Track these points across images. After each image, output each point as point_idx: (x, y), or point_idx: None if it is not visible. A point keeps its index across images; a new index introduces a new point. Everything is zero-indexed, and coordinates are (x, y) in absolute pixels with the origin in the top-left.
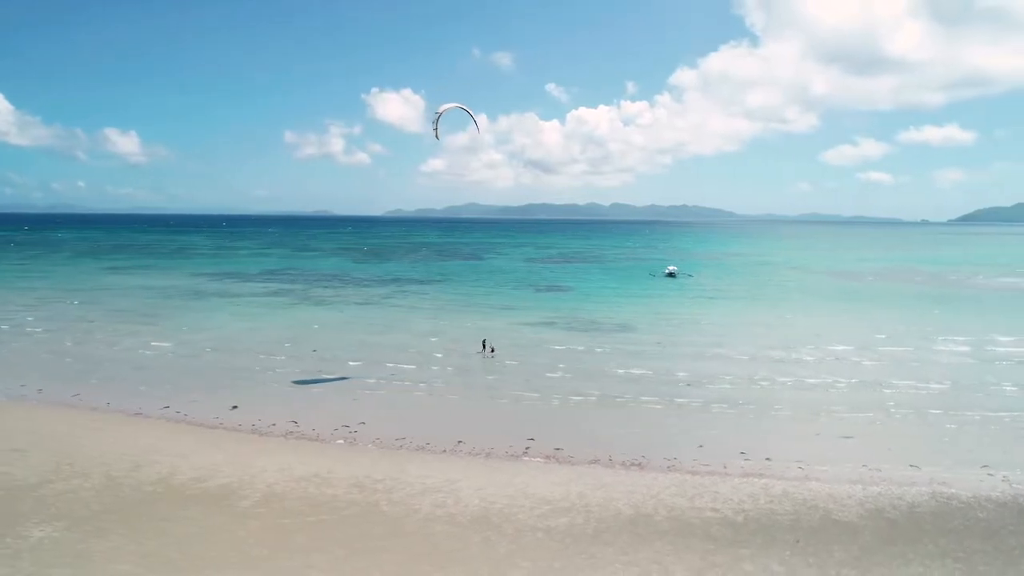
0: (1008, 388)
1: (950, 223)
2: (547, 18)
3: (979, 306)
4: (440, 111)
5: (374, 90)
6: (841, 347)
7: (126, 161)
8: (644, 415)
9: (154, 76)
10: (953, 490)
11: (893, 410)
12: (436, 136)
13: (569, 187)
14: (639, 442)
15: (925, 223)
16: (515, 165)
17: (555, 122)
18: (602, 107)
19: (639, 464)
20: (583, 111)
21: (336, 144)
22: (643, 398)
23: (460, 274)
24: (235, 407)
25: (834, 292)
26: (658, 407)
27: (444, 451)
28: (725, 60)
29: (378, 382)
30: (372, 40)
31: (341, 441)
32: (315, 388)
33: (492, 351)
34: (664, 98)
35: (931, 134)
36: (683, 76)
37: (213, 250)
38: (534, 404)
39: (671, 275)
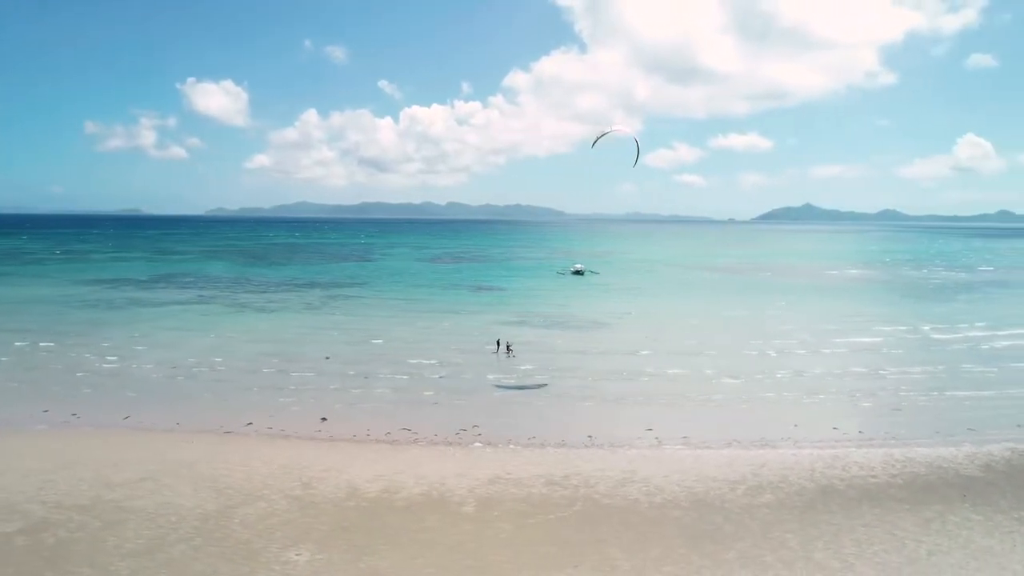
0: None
1: (752, 221)
2: (381, 14)
3: (853, 295)
4: (605, 133)
5: (191, 80)
6: (809, 336)
7: None
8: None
9: None
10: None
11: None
12: (592, 145)
13: (404, 186)
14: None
15: (732, 221)
16: (348, 163)
17: (389, 119)
18: (436, 106)
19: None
20: (417, 109)
21: (147, 137)
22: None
23: (372, 277)
24: (324, 419)
25: (730, 285)
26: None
27: (584, 447)
28: (556, 64)
29: (437, 384)
30: (189, 26)
31: (478, 444)
32: (384, 394)
33: (509, 349)
34: (498, 99)
35: (736, 141)
36: (516, 79)
37: (61, 256)
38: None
39: (578, 273)
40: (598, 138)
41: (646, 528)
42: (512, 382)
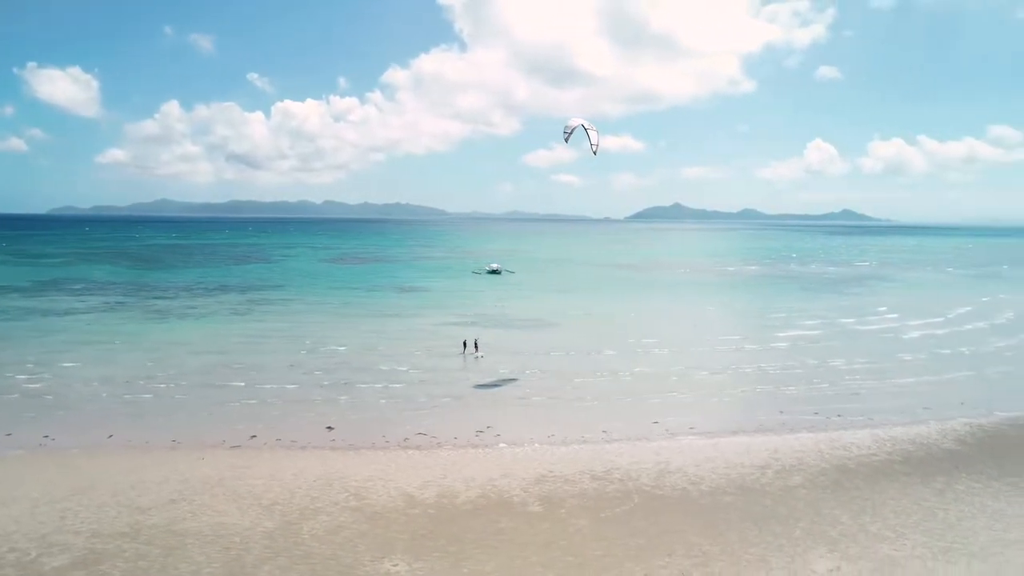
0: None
1: (626, 220)
2: (250, 2)
3: (768, 290)
4: (570, 128)
5: (31, 65)
6: (737, 333)
7: None
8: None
9: None
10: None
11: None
12: (567, 140)
13: (278, 184)
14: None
15: (607, 220)
16: (216, 159)
17: (259, 114)
18: (311, 101)
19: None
20: (290, 104)
21: None
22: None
23: (284, 279)
24: (330, 428)
25: (651, 283)
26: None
27: (606, 442)
28: (436, 62)
29: (424, 388)
30: (28, 4)
31: (503, 445)
32: (378, 400)
33: (477, 348)
34: (376, 96)
35: (611, 142)
36: (395, 75)
37: None
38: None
39: (495, 272)
40: (569, 134)
41: (709, 515)
42: (491, 381)
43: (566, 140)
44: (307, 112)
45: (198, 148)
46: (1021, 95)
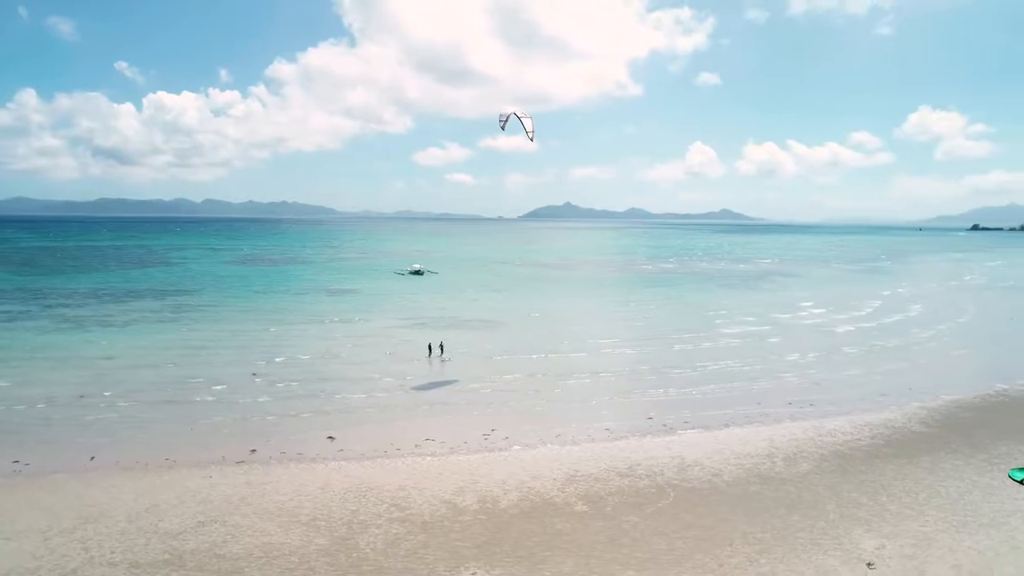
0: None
1: (520, 218)
2: None
3: (695, 287)
4: (505, 115)
5: None
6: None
7: None
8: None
9: None
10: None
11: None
12: (503, 127)
13: (152, 181)
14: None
15: (501, 219)
16: (81, 154)
17: (130, 106)
18: (188, 93)
19: None
20: (164, 96)
21: None
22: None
23: (196, 283)
24: (331, 438)
25: (579, 281)
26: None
27: (613, 439)
28: (324, 57)
29: (406, 394)
30: None
31: (517, 447)
32: (367, 408)
33: (442, 351)
34: (260, 90)
35: (503, 142)
36: (281, 69)
37: None
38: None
39: (418, 273)
40: (504, 121)
41: (746, 504)
42: (469, 384)
43: (502, 128)
44: (184, 105)
45: (59, 142)
46: (879, 105)
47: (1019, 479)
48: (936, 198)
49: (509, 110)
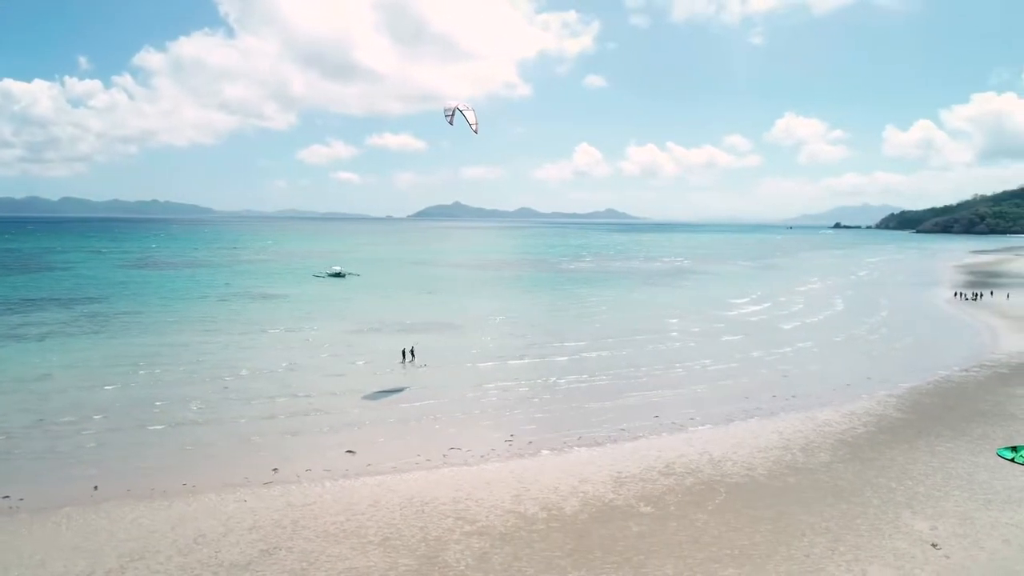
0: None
1: (409, 218)
2: None
3: (628, 285)
4: (450, 109)
5: None
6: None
7: None
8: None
9: None
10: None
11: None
12: (450, 122)
13: (0, 177)
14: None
15: (390, 218)
16: None
17: None
18: (40, 81)
19: None
20: (11, 84)
21: None
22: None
23: (101, 290)
24: (351, 451)
25: (507, 281)
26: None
27: (632, 439)
28: (198, 47)
29: (403, 405)
30: None
31: (546, 452)
32: (368, 420)
33: (414, 356)
34: (126, 80)
35: (391, 140)
36: (149, 58)
37: None
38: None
39: (338, 275)
40: (451, 115)
41: (794, 495)
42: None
43: (449, 122)
44: (35, 94)
45: None
46: (750, 109)
47: (1008, 457)
48: (800, 198)
49: (452, 104)
